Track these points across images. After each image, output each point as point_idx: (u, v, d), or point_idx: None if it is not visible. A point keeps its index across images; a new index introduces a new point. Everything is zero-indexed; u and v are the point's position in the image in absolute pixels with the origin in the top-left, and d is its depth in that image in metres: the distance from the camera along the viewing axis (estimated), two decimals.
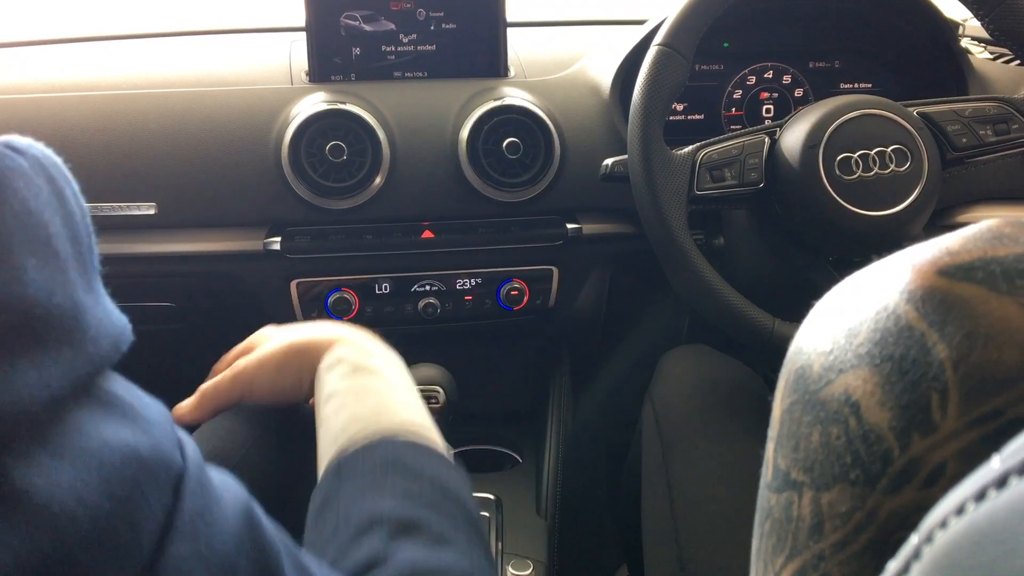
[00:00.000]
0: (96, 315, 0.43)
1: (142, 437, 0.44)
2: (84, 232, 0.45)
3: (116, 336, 0.45)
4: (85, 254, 0.44)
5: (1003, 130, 1.05)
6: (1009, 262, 0.30)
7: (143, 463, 0.43)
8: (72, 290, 0.42)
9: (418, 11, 1.23)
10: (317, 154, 1.14)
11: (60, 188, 0.43)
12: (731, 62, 1.33)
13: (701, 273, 1.01)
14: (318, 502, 0.64)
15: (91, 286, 0.44)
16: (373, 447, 0.65)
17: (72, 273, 0.42)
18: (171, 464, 0.45)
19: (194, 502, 0.46)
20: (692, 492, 1.02)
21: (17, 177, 0.40)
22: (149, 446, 0.44)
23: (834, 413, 0.33)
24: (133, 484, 0.43)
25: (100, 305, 0.45)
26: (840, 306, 0.35)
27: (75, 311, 0.42)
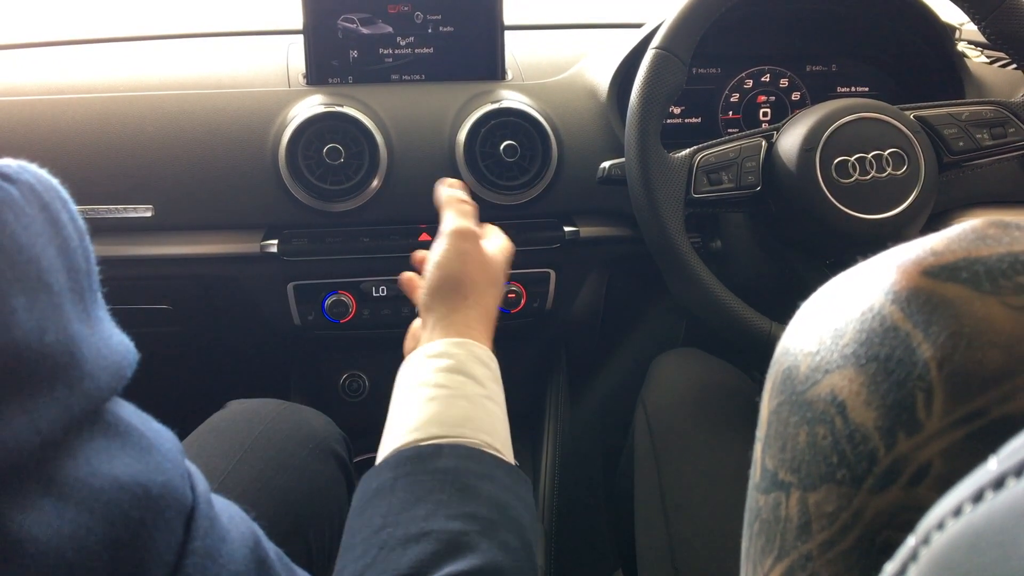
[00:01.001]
0: (94, 345, 0.42)
1: (154, 472, 0.43)
2: (82, 257, 0.43)
3: (118, 363, 0.43)
4: (82, 281, 0.43)
5: (1000, 134, 1.05)
6: (993, 262, 0.30)
7: (153, 501, 0.42)
8: (66, 324, 0.40)
9: (416, 14, 1.23)
10: (314, 157, 1.15)
11: (55, 215, 0.42)
12: (728, 66, 1.33)
13: (698, 276, 1.01)
14: (371, 491, 0.62)
15: (89, 315, 0.43)
16: (441, 453, 0.63)
17: (67, 306, 0.40)
18: (182, 501, 0.44)
19: (204, 542, 0.45)
20: (684, 496, 1.02)
21: (7, 209, 0.38)
22: (160, 482, 0.43)
23: (820, 413, 0.33)
24: (140, 525, 0.41)
25: (98, 334, 0.43)
26: (826, 306, 0.35)
27: (70, 347, 0.40)
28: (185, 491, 0.45)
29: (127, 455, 0.42)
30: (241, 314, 1.29)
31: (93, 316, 0.43)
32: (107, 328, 0.44)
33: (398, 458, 0.63)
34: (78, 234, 0.43)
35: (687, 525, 0.99)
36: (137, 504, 0.41)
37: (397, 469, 0.62)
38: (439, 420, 0.66)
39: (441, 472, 0.60)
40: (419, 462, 0.62)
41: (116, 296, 0.47)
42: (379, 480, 0.62)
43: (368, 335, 1.31)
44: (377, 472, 0.63)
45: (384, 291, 1.26)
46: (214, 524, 0.46)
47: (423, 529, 0.56)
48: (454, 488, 0.59)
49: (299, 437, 1.00)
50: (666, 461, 1.06)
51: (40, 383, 0.38)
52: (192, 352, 1.40)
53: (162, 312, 1.27)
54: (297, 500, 0.94)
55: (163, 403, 0.50)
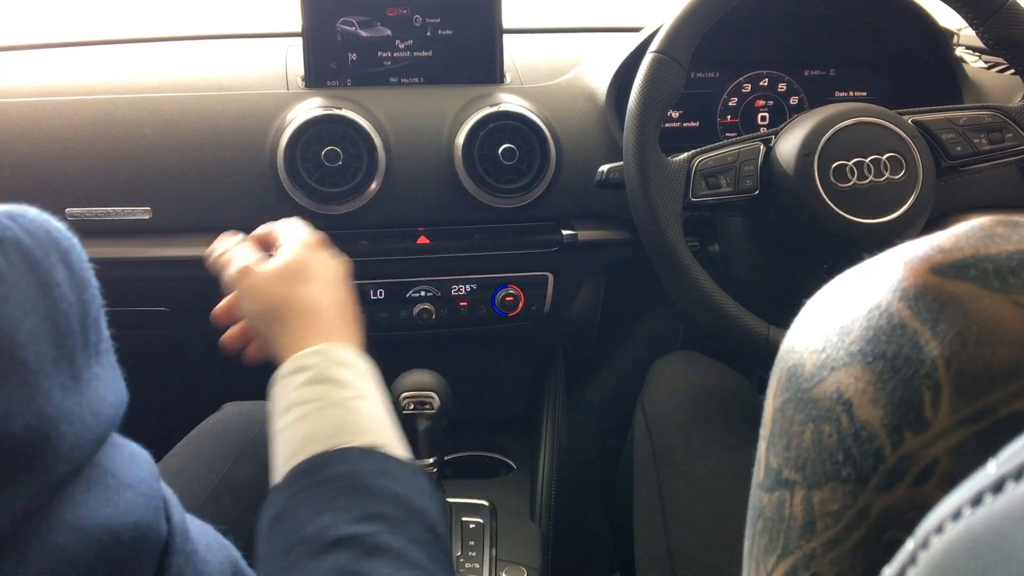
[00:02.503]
0: (79, 417, 0.39)
1: (123, 515, 0.41)
2: (76, 317, 0.40)
3: (108, 421, 0.41)
4: (73, 343, 0.39)
5: (998, 139, 1.05)
6: (1001, 260, 0.30)
7: (121, 547, 0.40)
8: (42, 404, 0.36)
9: (414, 17, 1.23)
10: (313, 159, 1.14)
11: (45, 275, 0.38)
12: (727, 70, 1.33)
13: (696, 280, 1.01)
14: (271, 515, 0.58)
15: (77, 380, 0.39)
16: (331, 462, 0.59)
17: (46, 381, 0.37)
18: (155, 538, 0.42)
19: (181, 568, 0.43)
20: (683, 499, 1.01)
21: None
22: (131, 524, 0.41)
23: (826, 411, 0.32)
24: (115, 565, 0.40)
25: (88, 398, 0.40)
26: (832, 304, 0.35)
27: (45, 429, 0.37)
28: (159, 525, 0.43)
29: (94, 500, 0.40)
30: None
31: (83, 379, 0.40)
32: (102, 386, 0.41)
33: (289, 478, 0.60)
34: (75, 289, 0.40)
35: (686, 528, 0.99)
36: (104, 554, 0.39)
37: (290, 489, 0.58)
38: (314, 437, 0.62)
39: (336, 479, 0.57)
40: (310, 475, 0.59)
41: (113, 298, 0.47)
42: (276, 505, 0.58)
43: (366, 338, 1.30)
44: (272, 500, 0.60)
45: (381, 294, 1.25)
46: (190, 559, 0.44)
47: (331, 538, 0.53)
48: (352, 491, 0.56)
49: None
50: (665, 464, 1.06)
51: (7, 472, 0.35)
52: (189, 355, 1.39)
53: (159, 314, 1.27)
54: None
55: (160, 405, 0.49)
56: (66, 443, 0.38)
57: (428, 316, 1.26)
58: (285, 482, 0.59)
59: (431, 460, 1.13)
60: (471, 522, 1.21)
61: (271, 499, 0.59)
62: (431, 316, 1.26)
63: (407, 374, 1.12)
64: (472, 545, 1.18)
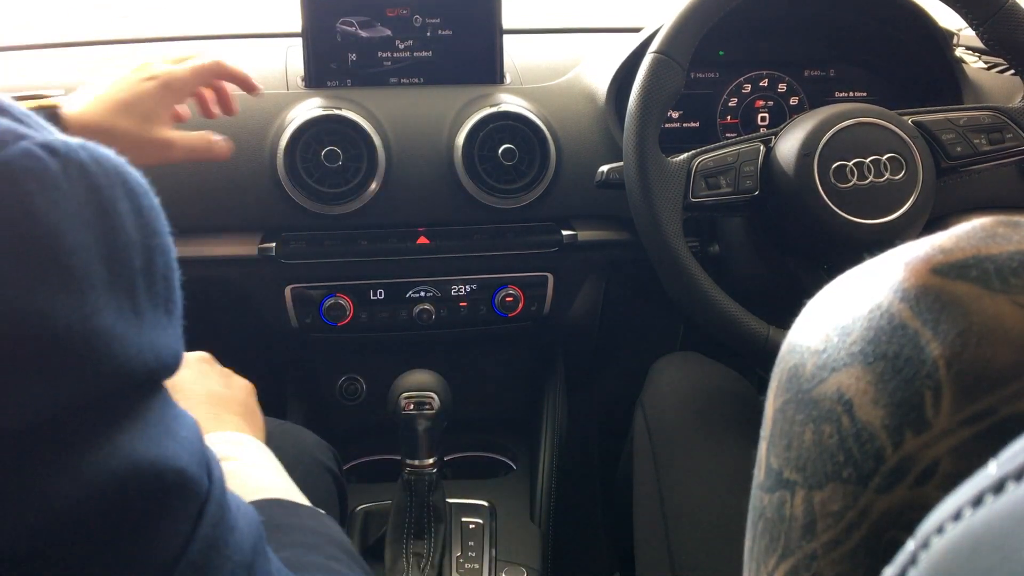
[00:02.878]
0: (131, 343, 0.39)
1: (171, 458, 0.42)
2: (139, 254, 0.40)
3: (160, 367, 0.42)
4: (133, 278, 0.40)
5: (997, 139, 1.05)
6: (1003, 260, 0.30)
7: (164, 488, 0.41)
8: (90, 313, 0.37)
9: (414, 17, 1.23)
10: (313, 159, 1.14)
11: (108, 202, 0.39)
12: (727, 70, 1.33)
13: (696, 280, 1.01)
14: None
15: (138, 314, 0.40)
16: (237, 525, 0.57)
17: (94, 295, 0.38)
18: (196, 489, 0.43)
19: (213, 530, 0.44)
20: (683, 500, 1.01)
21: (32, 179, 0.36)
22: (176, 469, 0.42)
23: (827, 411, 0.32)
24: (147, 510, 0.41)
25: (144, 330, 0.40)
26: (833, 304, 0.35)
27: (90, 337, 0.37)
28: (201, 479, 0.44)
29: (146, 438, 0.41)
30: (238, 317, 1.28)
31: (145, 317, 0.40)
32: (164, 335, 0.42)
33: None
34: (140, 231, 0.41)
35: (686, 529, 0.99)
36: (147, 488, 0.40)
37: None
38: None
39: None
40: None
41: None
42: None
43: (366, 338, 1.31)
44: None
45: (382, 294, 1.25)
46: (225, 514, 0.45)
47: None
48: (268, 530, 0.55)
49: (294, 453, 0.99)
50: (665, 465, 1.06)
51: (46, 366, 0.36)
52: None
53: None
54: None
55: None
56: (115, 362, 0.38)
57: (428, 316, 1.26)
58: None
59: (431, 460, 1.13)
60: (471, 522, 1.21)
61: None
62: (431, 316, 1.26)
63: (407, 374, 1.12)
64: (472, 545, 1.18)
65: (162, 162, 0.95)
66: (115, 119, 0.90)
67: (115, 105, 0.90)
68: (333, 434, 1.12)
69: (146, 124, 0.92)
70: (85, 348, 0.37)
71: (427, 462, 1.13)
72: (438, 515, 1.15)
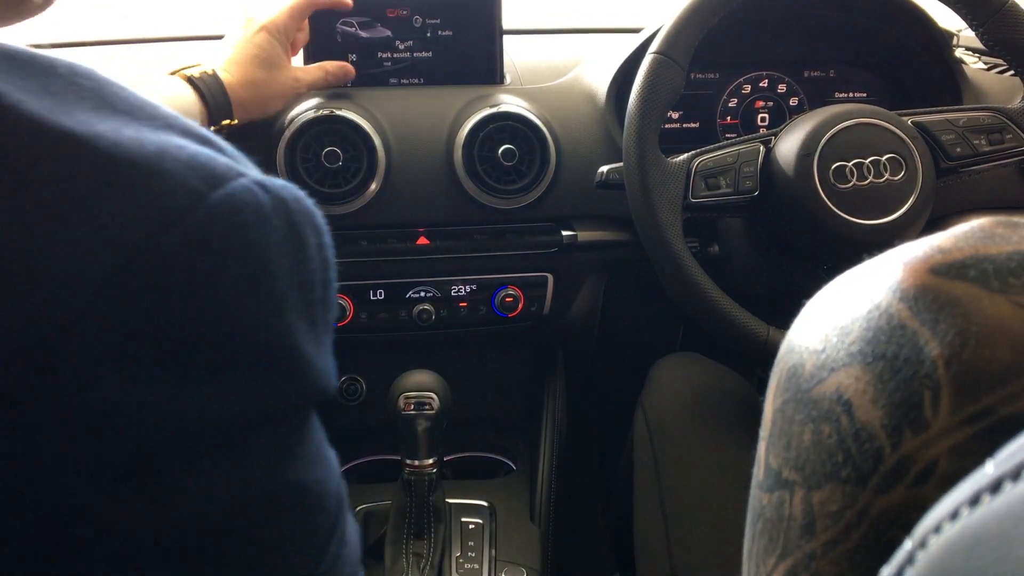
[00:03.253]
0: (312, 361, 0.44)
1: (329, 482, 0.47)
2: (320, 285, 0.45)
3: (321, 387, 0.46)
4: (315, 305, 0.44)
5: (997, 140, 1.05)
6: (1001, 260, 0.30)
7: (322, 508, 0.46)
8: (286, 332, 0.42)
9: (414, 18, 1.23)
10: (312, 160, 1.14)
11: (301, 236, 0.43)
12: (726, 71, 1.33)
13: (696, 281, 1.01)
14: None
15: (317, 336, 0.45)
16: None
17: (290, 316, 0.42)
18: (336, 507, 0.48)
19: (339, 548, 0.48)
20: (683, 500, 1.01)
21: (251, 211, 0.40)
22: (334, 492, 0.48)
23: (826, 411, 0.33)
24: (297, 525, 0.45)
25: (320, 351, 0.45)
26: (832, 304, 0.35)
27: (285, 350, 0.42)
28: (340, 500, 0.49)
29: (304, 459, 0.46)
30: None
31: (322, 339, 0.45)
32: (328, 357, 0.47)
33: None
34: (322, 264, 0.45)
35: (686, 529, 0.99)
36: (298, 504, 0.45)
37: None
38: None
39: None
40: None
41: None
42: None
43: (365, 339, 1.30)
44: None
45: (382, 294, 1.25)
46: (345, 528, 0.50)
47: None
48: None
49: None
50: (665, 465, 1.06)
51: (236, 373, 0.40)
52: None
53: None
54: None
55: None
56: (305, 378, 0.43)
57: (428, 317, 1.26)
58: None
59: (431, 460, 1.13)
60: (470, 523, 1.21)
61: None
62: (431, 317, 1.26)
63: (407, 375, 1.12)
64: (471, 546, 1.18)
65: (295, 93, 1.12)
66: (254, 73, 1.05)
67: (248, 60, 1.05)
68: (333, 434, 1.11)
69: (275, 70, 1.07)
70: (283, 362, 0.42)
71: (427, 462, 1.13)
72: (438, 515, 1.15)
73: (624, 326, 1.53)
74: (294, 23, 1.11)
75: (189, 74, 0.99)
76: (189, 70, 1.00)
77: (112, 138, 0.38)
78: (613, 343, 1.54)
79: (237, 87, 1.04)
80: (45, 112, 0.37)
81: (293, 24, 1.11)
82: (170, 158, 0.39)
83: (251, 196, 0.40)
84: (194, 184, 0.38)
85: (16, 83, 0.38)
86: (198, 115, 0.98)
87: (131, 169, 0.37)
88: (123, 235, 0.36)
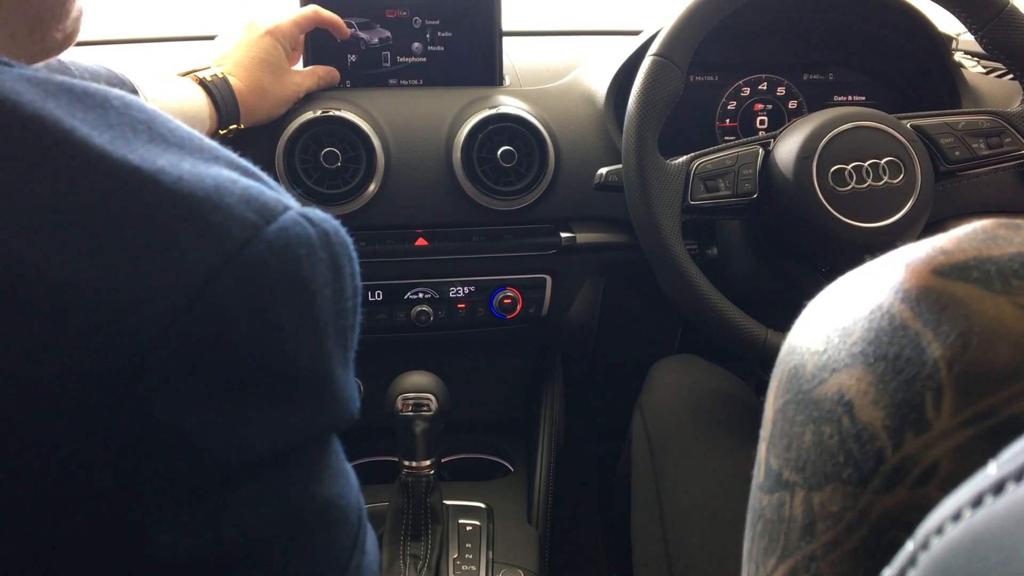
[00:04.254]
0: (341, 388, 0.46)
1: (344, 495, 0.49)
2: (351, 312, 0.47)
3: (351, 411, 0.48)
4: (348, 332, 0.47)
5: (996, 144, 1.05)
6: (1004, 262, 0.30)
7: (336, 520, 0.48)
8: (325, 359, 0.44)
9: (414, 19, 1.23)
10: (311, 160, 1.14)
11: (339, 264, 0.45)
12: (726, 73, 1.33)
13: (694, 283, 1.01)
14: None
15: (347, 361, 0.47)
16: None
17: (328, 344, 0.44)
18: (358, 521, 0.50)
19: (359, 558, 0.50)
20: (681, 502, 1.01)
21: (301, 246, 0.42)
22: (356, 508, 0.49)
23: (827, 412, 0.32)
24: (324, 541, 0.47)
25: (350, 379, 0.48)
26: (834, 305, 0.35)
27: (322, 377, 0.44)
28: (361, 514, 0.51)
29: (327, 477, 0.47)
30: None
31: (350, 366, 0.48)
32: (353, 383, 0.49)
33: None
34: (353, 292, 0.47)
35: (684, 531, 0.99)
36: (321, 520, 0.46)
37: None
38: None
39: None
40: None
41: None
42: None
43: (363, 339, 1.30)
44: None
45: (379, 295, 1.25)
46: (365, 539, 0.51)
47: None
48: None
49: None
50: (664, 467, 1.06)
51: (284, 399, 0.42)
52: None
53: None
54: None
55: None
56: (337, 403, 0.46)
57: (426, 318, 1.26)
58: None
59: (428, 462, 1.13)
60: (468, 524, 1.21)
61: None
62: (429, 318, 1.26)
63: (405, 376, 1.12)
64: (469, 547, 1.17)
65: (296, 98, 1.15)
66: (262, 78, 1.06)
67: (255, 65, 1.06)
68: None
69: (280, 75, 1.10)
70: (322, 388, 0.44)
71: (424, 464, 1.13)
72: (435, 517, 1.15)
73: (622, 328, 1.53)
74: (297, 31, 1.13)
75: (201, 76, 0.99)
76: (201, 72, 1.00)
77: (175, 173, 0.39)
78: (611, 345, 1.54)
79: (246, 92, 1.05)
80: (108, 146, 0.38)
81: (296, 32, 1.13)
82: (227, 192, 0.40)
83: (301, 230, 0.42)
84: (251, 218, 0.40)
85: (79, 116, 0.39)
86: (208, 119, 0.98)
87: (194, 204, 0.38)
88: (192, 269, 0.38)
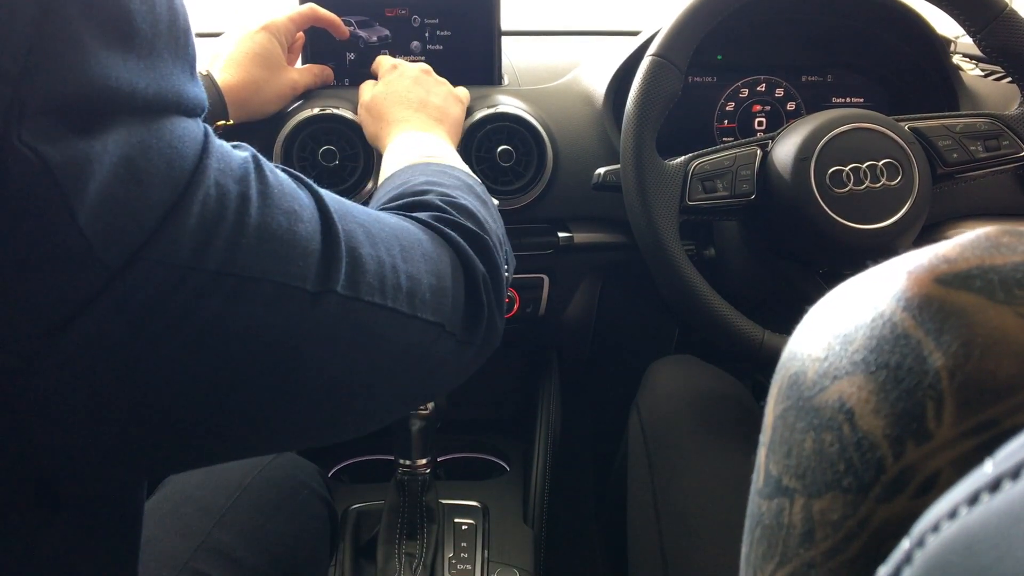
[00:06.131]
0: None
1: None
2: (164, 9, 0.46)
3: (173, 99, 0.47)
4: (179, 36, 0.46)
5: (994, 146, 1.06)
6: (1007, 271, 0.30)
7: None
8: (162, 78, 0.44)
9: (413, 18, 1.23)
10: (309, 158, 1.14)
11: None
12: (724, 74, 1.33)
13: (691, 283, 1.01)
14: (386, 174, 0.84)
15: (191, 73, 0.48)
16: (427, 165, 0.83)
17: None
18: None
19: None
20: (677, 503, 1.01)
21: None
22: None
23: (828, 420, 0.32)
24: None
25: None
26: (835, 312, 0.35)
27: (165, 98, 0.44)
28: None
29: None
30: None
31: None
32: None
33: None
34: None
35: (680, 533, 0.99)
36: None
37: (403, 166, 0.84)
38: (415, 155, 0.88)
39: (431, 165, 0.83)
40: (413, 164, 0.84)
41: None
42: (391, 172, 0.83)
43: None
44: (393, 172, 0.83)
45: None
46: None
47: (425, 183, 0.75)
48: (439, 171, 0.80)
49: (292, 485, 0.99)
50: (660, 468, 1.06)
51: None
52: None
53: None
54: (290, 547, 0.93)
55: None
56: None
57: None
58: (398, 169, 0.83)
59: (424, 461, 1.13)
60: (463, 523, 1.21)
61: (389, 176, 0.83)
62: None
63: None
64: (464, 547, 1.18)
65: (293, 95, 1.15)
66: (254, 72, 1.06)
67: (248, 59, 1.06)
68: None
69: (275, 70, 1.09)
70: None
71: (420, 463, 1.13)
72: (431, 516, 1.15)
73: (619, 328, 1.53)
74: (294, 27, 1.13)
75: None
76: None
77: None
78: (608, 345, 1.54)
79: (237, 87, 1.04)
80: None
81: (293, 29, 1.13)
82: None
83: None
84: None
85: None
86: None
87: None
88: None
